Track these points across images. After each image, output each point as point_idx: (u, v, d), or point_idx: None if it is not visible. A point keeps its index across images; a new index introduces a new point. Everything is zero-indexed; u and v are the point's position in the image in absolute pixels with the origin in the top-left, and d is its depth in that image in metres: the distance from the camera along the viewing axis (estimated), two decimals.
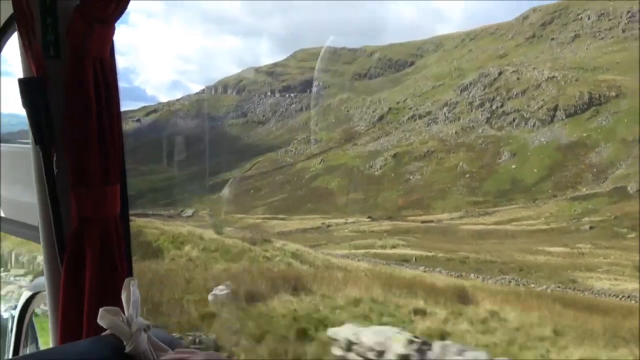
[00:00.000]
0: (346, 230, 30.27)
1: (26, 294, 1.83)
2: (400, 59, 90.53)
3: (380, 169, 48.89)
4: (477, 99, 57.32)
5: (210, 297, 6.03)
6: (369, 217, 36.27)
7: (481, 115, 54.89)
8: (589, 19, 66.23)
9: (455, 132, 53.30)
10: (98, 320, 0.76)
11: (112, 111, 0.94)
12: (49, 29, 0.92)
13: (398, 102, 66.57)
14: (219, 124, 77.22)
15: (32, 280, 2.37)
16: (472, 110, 56.15)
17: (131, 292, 0.77)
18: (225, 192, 49.60)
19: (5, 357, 2.09)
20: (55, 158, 0.94)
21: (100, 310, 0.76)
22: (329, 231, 30.95)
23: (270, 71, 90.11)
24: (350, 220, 33.78)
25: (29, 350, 1.91)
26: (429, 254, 20.16)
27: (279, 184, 50.46)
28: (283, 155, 59.99)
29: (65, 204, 0.96)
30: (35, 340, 1.97)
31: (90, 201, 0.93)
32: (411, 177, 46.57)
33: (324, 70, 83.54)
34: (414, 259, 19.03)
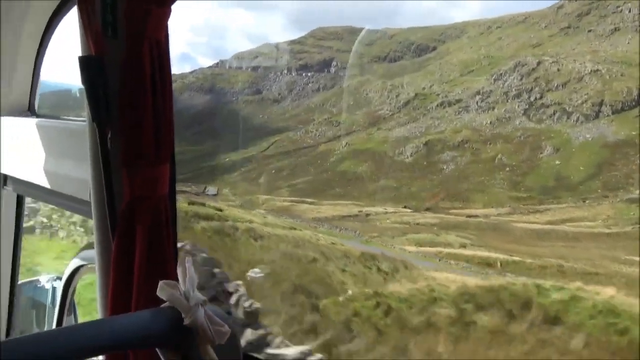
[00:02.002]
0: (388, 221, 28.25)
1: (72, 266, 1.84)
2: (421, 44, 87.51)
3: (411, 156, 46.57)
4: (513, 89, 54.82)
5: None
6: (405, 207, 34.27)
7: (518, 106, 52.47)
8: (629, 12, 63.38)
9: (490, 123, 50.94)
10: (157, 293, 0.78)
11: (165, 92, 0.96)
12: (108, 9, 0.92)
13: (424, 88, 64.02)
14: (233, 100, 74.75)
15: (80, 251, 2.26)
16: (507, 101, 53.68)
17: (187, 268, 0.80)
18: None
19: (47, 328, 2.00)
20: (109, 136, 0.97)
21: (160, 282, 0.78)
22: (370, 220, 28.92)
23: (288, 48, 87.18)
24: (389, 209, 31.75)
25: (67, 321, 1.83)
26: (512, 257, 18.07)
27: (301, 166, 48.30)
28: (303, 136, 57.76)
29: (118, 181, 0.98)
30: (74, 310, 1.95)
31: (142, 179, 0.96)
32: (445, 167, 44.28)
33: (343, 50, 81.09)
34: (498, 264, 16.89)
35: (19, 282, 2.05)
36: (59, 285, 2.10)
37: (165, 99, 0.97)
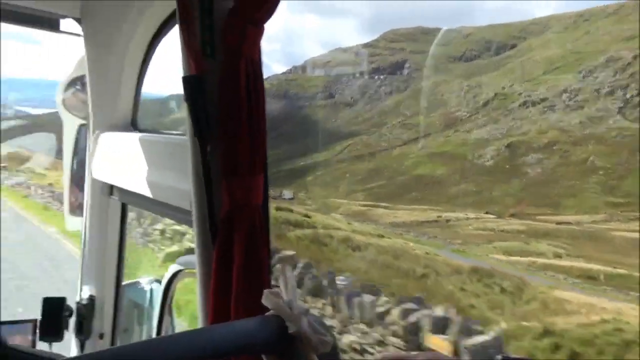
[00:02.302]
0: (470, 228, 26.92)
1: (171, 271, 1.90)
2: (500, 41, 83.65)
3: (492, 159, 44.40)
4: (605, 86, 50.74)
5: None
6: (487, 213, 32.59)
7: (611, 104, 48.48)
8: None
9: (580, 122, 47.44)
10: (263, 301, 0.83)
11: (259, 107, 1.01)
12: (207, 30, 0.99)
13: (504, 87, 61.05)
14: (306, 104, 75.72)
15: (178, 258, 2.02)
16: (599, 99, 49.77)
17: (288, 277, 0.83)
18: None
19: (145, 329, 2.20)
20: (209, 149, 1.03)
21: (265, 291, 0.83)
22: (451, 227, 27.75)
23: (359, 52, 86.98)
24: (470, 215, 30.32)
25: (166, 321, 1.99)
26: (616, 270, 16.39)
27: (376, 169, 47.74)
28: (377, 139, 57.20)
29: (217, 192, 1.03)
30: (170, 311, 2.06)
31: (240, 189, 1.01)
32: (530, 171, 41.72)
33: (416, 51, 79.55)
34: (601, 277, 15.34)
35: (123, 284, 2.17)
36: (156, 287, 2.25)
37: (259, 113, 1.02)
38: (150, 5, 1.55)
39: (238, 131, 1.00)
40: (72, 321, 2.08)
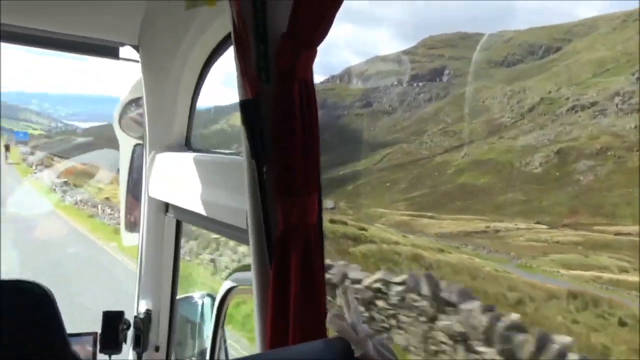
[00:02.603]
0: (522, 239, 25.68)
1: (225, 287, 1.94)
2: (543, 44, 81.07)
3: (540, 166, 42.66)
4: None
5: None
6: (537, 222, 31.15)
7: None
8: None
9: (635, 127, 45.10)
10: (327, 324, 0.85)
11: (313, 127, 1.04)
12: (261, 55, 1.03)
13: (550, 92, 58.95)
14: (344, 113, 75.61)
15: (230, 274, 2.11)
16: None
17: (350, 299, 0.84)
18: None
19: (197, 343, 2.30)
20: (265, 170, 1.06)
21: (329, 314, 0.85)
22: (500, 237, 26.57)
23: (397, 59, 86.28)
24: (520, 225, 29.02)
25: (220, 334, 2.07)
26: None
27: (417, 178, 46.78)
28: (417, 147, 56.28)
29: (273, 211, 1.06)
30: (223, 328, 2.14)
31: (295, 209, 1.03)
32: (582, 178, 39.80)
33: (456, 57, 78.21)
34: None
35: (177, 298, 2.22)
36: (207, 302, 2.31)
37: (313, 134, 1.04)
38: (203, 32, 1.61)
39: (292, 152, 1.02)
40: (130, 334, 2.14)
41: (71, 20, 1.85)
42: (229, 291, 1.99)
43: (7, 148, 39.79)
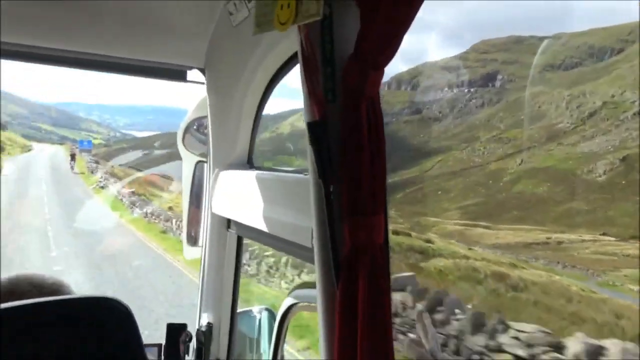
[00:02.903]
0: (588, 251, 24.09)
1: (286, 303, 1.97)
2: (604, 46, 77.12)
3: (605, 174, 40.27)
4: None
5: None
6: (604, 234, 29.21)
7: None
8: None
9: None
10: (406, 350, 0.79)
11: (380, 147, 1.04)
12: (329, 78, 1.06)
13: (613, 95, 55.86)
14: (393, 120, 74.84)
15: (292, 290, 2.07)
16: None
17: (427, 325, 0.91)
18: None
19: (255, 357, 2.35)
20: (332, 189, 1.08)
21: (408, 340, 0.82)
22: (564, 250, 25.06)
23: (448, 65, 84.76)
24: (585, 237, 27.29)
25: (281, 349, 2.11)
26: None
27: (470, 186, 45.35)
28: (470, 154, 54.74)
29: (339, 231, 1.08)
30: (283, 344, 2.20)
31: (362, 229, 1.04)
32: None
33: (509, 62, 75.84)
34: None
35: (237, 311, 2.25)
36: (265, 316, 2.35)
37: (380, 154, 1.04)
38: (268, 55, 1.65)
39: (360, 171, 1.03)
40: (192, 346, 2.18)
41: (143, 46, 1.95)
42: (290, 308, 2.00)
43: (72, 157, 40.62)
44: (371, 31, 1.00)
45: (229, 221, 2.13)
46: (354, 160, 1.03)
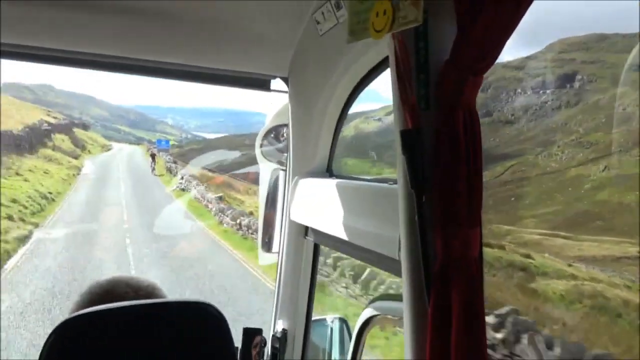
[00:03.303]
0: None
1: (366, 314, 1.97)
2: None
3: None
4: None
5: None
6: None
7: None
8: None
9: None
10: None
11: (477, 156, 1.01)
12: (422, 85, 1.04)
13: None
14: None
15: (372, 301, 2.07)
16: None
17: (540, 349, 0.93)
18: None
19: None
20: (424, 200, 1.05)
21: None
22: None
23: (521, 65, 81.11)
24: None
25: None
26: None
27: (547, 193, 42.90)
28: (545, 159, 51.97)
29: (430, 243, 1.04)
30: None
31: (457, 241, 1.00)
32: None
33: (590, 61, 71.44)
34: None
35: (312, 319, 2.24)
36: (337, 326, 2.38)
37: (477, 163, 1.00)
38: (354, 63, 1.64)
39: (457, 182, 1.00)
40: (266, 352, 2.20)
41: (228, 56, 2.00)
42: (369, 319, 1.98)
43: (153, 157, 41.54)
44: (471, 36, 0.95)
45: (306, 229, 2.14)
46: (450, 170, 0.99)
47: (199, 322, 0.98)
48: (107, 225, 19.19)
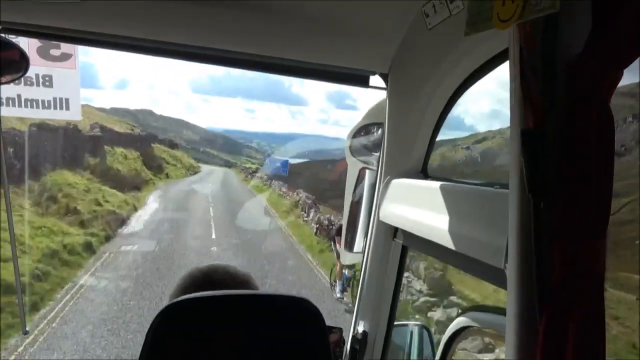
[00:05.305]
0: None
1: (457, 324, 1.91)
2: None
3: None
4: None
5: None
6: None
7: None
8: None
9: None
10: None
11: (608, 162, 0.93)
12: (548, 81, 0.97)
13: None
14: None
15: (465, 311, 1.95)
16: None
17: None
18: None
19: None
20: (541, 207, 0.97)
21: None
22: None
23: (633, 92, 73.58)
24: None
25: None
26: None
27: None
28: None
29: (545, 255, 0.98)
30: None
31: (580, 255, 0.92)
32: None
33: None
34: None
35: (394, 324, 2.18)
36: (416, 332, 2.35)
37: (607, 170, 0.89)
38: (463, 58, 1.57)
39: (584, 190, 0.90)
40: (345, 352, 2.19)
41: (328, 50, 1.94)
42: (461, 330, 1.92)
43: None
44: (612, 26, 0.87)
45: (395, 230, 2.06)
46: (579, 176, 0.90)
47: (299, 317, 1.01)
48: None
